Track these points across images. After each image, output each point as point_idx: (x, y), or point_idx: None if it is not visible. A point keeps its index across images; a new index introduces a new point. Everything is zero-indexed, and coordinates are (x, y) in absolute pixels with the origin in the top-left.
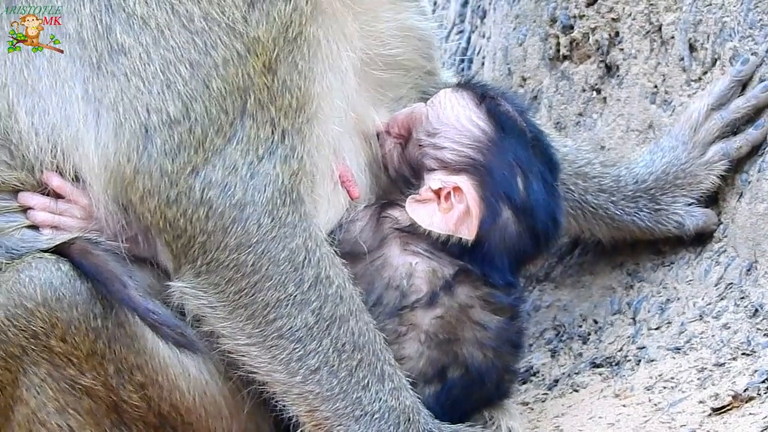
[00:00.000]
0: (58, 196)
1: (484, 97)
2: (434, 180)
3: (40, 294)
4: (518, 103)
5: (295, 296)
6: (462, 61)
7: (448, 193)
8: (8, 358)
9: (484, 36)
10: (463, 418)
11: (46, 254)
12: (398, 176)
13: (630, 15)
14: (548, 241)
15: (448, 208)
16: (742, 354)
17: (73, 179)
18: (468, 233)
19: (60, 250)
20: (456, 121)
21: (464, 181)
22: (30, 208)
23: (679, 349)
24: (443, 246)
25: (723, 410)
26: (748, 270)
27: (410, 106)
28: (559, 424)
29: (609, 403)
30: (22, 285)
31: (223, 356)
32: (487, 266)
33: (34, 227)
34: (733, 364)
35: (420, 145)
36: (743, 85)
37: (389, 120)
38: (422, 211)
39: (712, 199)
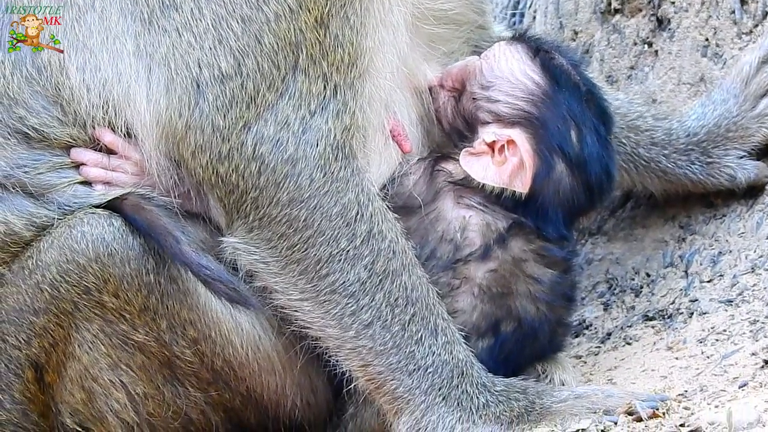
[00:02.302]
0: (110, 151)
1: (539, 50)
2: (488, 133)
3: (92, 249)
4: (572, 57)
5: (348, 251)
6: (513, 15)
7: (502, 146)
8: (60, 314)
9: None
10: (516, 371)
11: (98, 210)
12: (452, 129)
13: None
14: (602, 194)
15: (501, 161)
16: None
17: (125, 135)
18: (522, 186)
19: (112, 206)
20: (510, 74)
21: (518, 134)
22: (82, 164)
23: (732, 301)
24: (497, 199)
25: None
26: None
27: (464, 60)
28: (612, 377)
29: (662, 356)
30: (74, 241)
31: (276, 311)
32: (540, 219)
33: (87, 183)
34: None
35: (474, 99)
36: None
37: (443, 73)
38: (476, 164)
39: (764, 152)
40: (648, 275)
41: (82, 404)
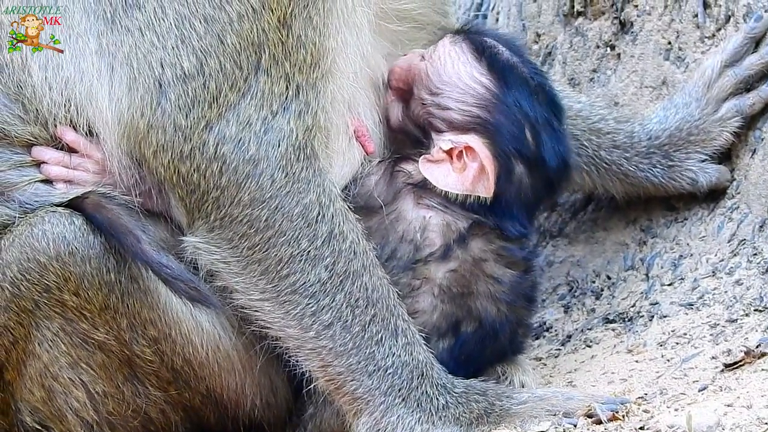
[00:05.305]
0: (71, 150)
1: (483, 49)
2: (444, 141)
3: (53, 248)
4: (512, 43)
5: (309, 252)
6: (476, 17)
7: (460, 152)
8: (21, 312)
9: None
10: (477, 373)
11: (59, 208)
12: (401, 131)
13: None
14: (561, 185)
15: (461, 167)
16: (755, 310)
17: (86, 134)
18: (485, 191)
19: (73, 205)
20: (458, 80)
21: (475, 140)
22: (43, 163)
23: (692, 305)
24: (457, 199)
25: (735, 366)
26: (761, 226)
27: (407, 56)
28: (572, 379)
29: (622, 359)
30: (35, 239)
31: (237, 311)
32: (504, 218)
33: (48, 182)
34: (746, 320)
35: (423, 104)
36: (757, 42)
37: (388, 71)
38: (436, 171)
39: (726, 156)
40: (609, 278)
41: (42, 402)
